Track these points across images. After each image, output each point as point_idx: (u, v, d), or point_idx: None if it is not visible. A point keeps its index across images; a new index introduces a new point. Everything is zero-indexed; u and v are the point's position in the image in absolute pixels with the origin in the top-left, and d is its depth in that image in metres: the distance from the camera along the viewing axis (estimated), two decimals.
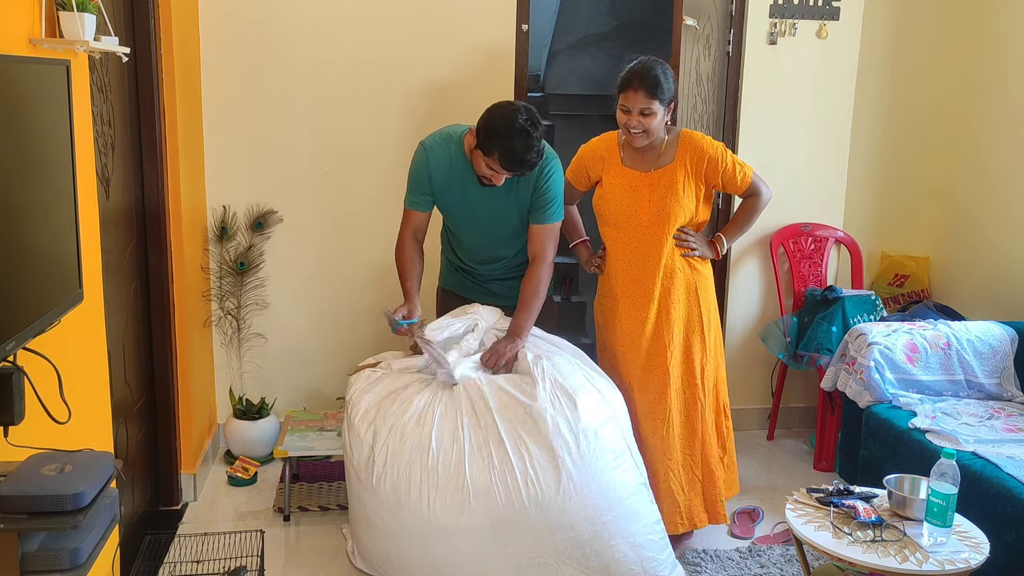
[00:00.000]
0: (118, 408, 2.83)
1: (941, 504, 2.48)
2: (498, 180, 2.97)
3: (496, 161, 2.88)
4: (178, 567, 2.96)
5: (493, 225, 3.12)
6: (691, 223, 3.14)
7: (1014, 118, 3.79)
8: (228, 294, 3.91)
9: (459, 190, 3.08)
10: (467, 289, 3.30)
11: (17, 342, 1.61)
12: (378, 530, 2.86)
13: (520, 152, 2.86)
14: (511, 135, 2.85)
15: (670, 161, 3.08)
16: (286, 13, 3.82)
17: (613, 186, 3.15)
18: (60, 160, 1.84)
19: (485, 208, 3.08)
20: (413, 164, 3.12)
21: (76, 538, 1.54)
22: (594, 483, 2.74)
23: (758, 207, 3.21)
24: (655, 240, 3.10)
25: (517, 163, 2.88)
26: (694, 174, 3.08)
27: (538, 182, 3.05)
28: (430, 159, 3.07)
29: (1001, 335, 3.54)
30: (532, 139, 2.87)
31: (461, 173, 3.05)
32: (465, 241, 3.22)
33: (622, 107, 3.03)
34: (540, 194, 3.06)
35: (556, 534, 2.73)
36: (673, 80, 3.03)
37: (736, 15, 4.08)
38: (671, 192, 3.06)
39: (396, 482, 2.76)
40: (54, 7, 2.09)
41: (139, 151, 3.19)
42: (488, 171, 2.94)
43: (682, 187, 3.06)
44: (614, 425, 2.89)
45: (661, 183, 3.07)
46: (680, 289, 3.13)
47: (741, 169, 3.12)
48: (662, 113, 3.00)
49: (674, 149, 3.09)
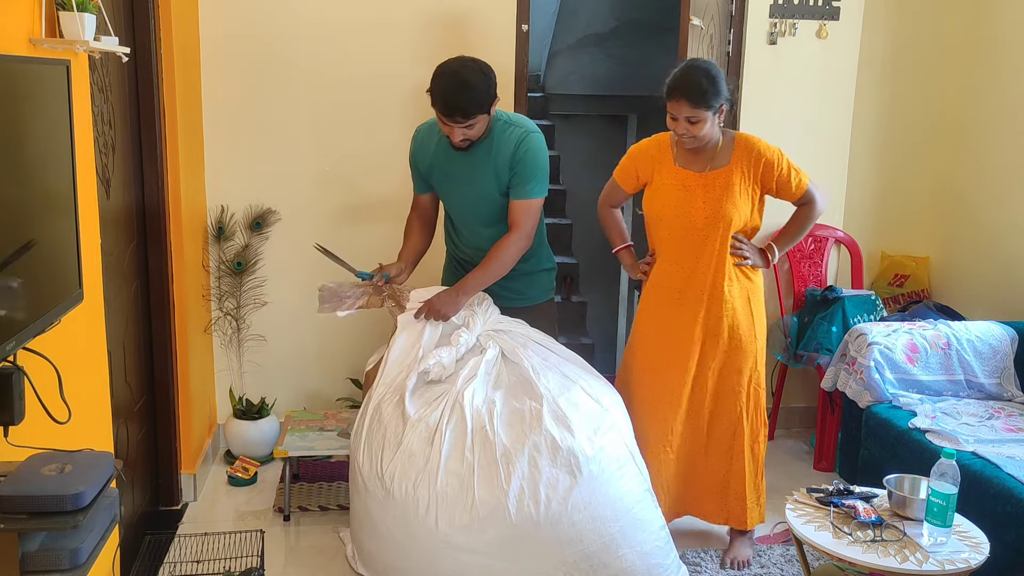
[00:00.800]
0: (118, 408, 2.83)
1: (941, 504, 2.48)
2: (454, 137, 2.98)
3: (437, 109, 2.94)
4: (178, 567, 2.96)
5: (473, 197, 3.14)
6: (744, 229, 3.05)
7: (1014, 118, 3.78)
8: (227, 294, 3.92)
9: (442, 166, 3.15)
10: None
11: (17, 342, 1.60)
12: (384, 540, 2.85)
13: (448, 94, 2.89)
14: (441, 78, 2.92)
15: (725, 163, 2.99)
16: (286, 13, 3.82)
17: (666, 186, 3.05)
18: (60, 160, 1.84)
19: (465, 179, 3.12)
20: (410, 149, 3.28)
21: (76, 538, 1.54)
22: (601, 495, 2.74)
23: (811, 216, 3.09)
24: (708, 243, 3.00)
25: (447, 105, 2.91)
26: (750, 177, 2.99)
27: (515, 155, 3.03)
28: (415, 142, 3.23)
29: (1001, 335, 3.54)
30: (468, 83, 2.88)
31: (443, 150, 3.11)
32: (455, 221, 3.28)
33: (669, 114, 2.95)
34: (518, 167, 3.03)
35: (565, 548, 2.72)
36: (724, 83, 2.91)
37: (736, 15, 4.08)
38: (727, 194, 2.97)
39: (404, 500, 2.75)
40: (54, 7, 2.09)
41: (139, 151, 3.19)
42: (444, 128, 2.99)
43: (739, 190, 2.97)
44: (615, 434, 2.89)
45: (717, 184, 2.98)
46: (735, 297, 3.04)
47: (797, 175, 3.01)
48: (711, 119, 2.90)
49: (730, 151, 3.00)
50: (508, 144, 3.04)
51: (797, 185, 3.02)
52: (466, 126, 2.94)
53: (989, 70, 3.92)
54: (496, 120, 3.06)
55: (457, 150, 3.05)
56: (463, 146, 3.02)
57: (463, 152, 3.06)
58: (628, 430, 2.99)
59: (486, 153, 3.06)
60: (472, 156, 3.06)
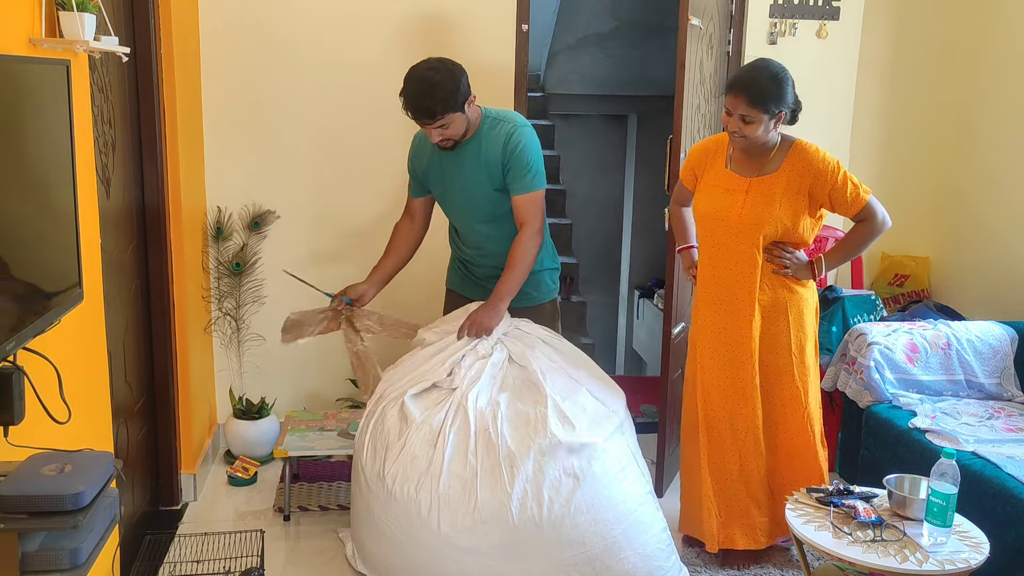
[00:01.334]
0: (118, 408, 2.83)
1: (941, 504, 2.48)
2: (432, 137, 3.00)
3: (407, 111, 2.97)
4: (178, 567, 2.96)
5: (467, 194, 3.14)
6: (788, 239, 2.94)
7: (1014, 118, 3.78)
8: (226, 295, 3.92)
9: (436, 168, 3.17)
10: (468, 287, 3.31)
11: (17, 342, 1.61)
12: (386, 540, 2.85)
13: (413, 97, 2.93)
14: (408, 82, 2.97)
15: (775, 170, 2.91)
16: (286, 13, 3.82)
17: (710, 186, 3.02)
18: (60, 160, 1.84)
19: (458, 178, 3.13)
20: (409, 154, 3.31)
21: (76, 538, 1.55)
22: (604, 497, 2.74)
23: (868, 234, 2.95)
24: (741, 247, 2.94)
25: (413, 108, 2.95)
26: (797, 187, 2.88)
27: (506, 149, 3.03)
28: (414, 144, 3.26)
29: (1001, 335, 3.54)
30: (432, 83, 2.91)
31: (437, 152, 3.13)
32: (453, 221, 3.29)
33: (725, 108, 2.87)
34: (511, 162, 3.03)
35: (567, 550, 2.72)
36: (791, 90, 2.85)
37: (736, 15, 4.08)
38: (765, 200, 2.89)
39: (406, 501, 2.75)
40: (54, 7, 2.09)
41: (139, 151, 3.19)
42: (425, 130, 3.03)
43: (779, 198, 2.88)
44: (619, 436, 2.89)
45: (759, 190, 2.91)
46: (766, 304, 2.98)
47: (855, 189, 2.87)
48: (766, 122, 2.83)
49: (782, 159, 2.91)
50: (497, 140, 3.04)
51: (854, 200, 2.88)
52: (439, 126, 2.95)
53: (989, 70, 3.92)
54: (484, 117, 3.08)
55: (444, 150, 3.07)
56: (445, 146, 3.04)
57: (453, 152, 3.08)
58: (631, 433, 3.00)
59: (475, 150, 3.07)
60: (461, 155, 3.09)
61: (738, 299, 2.99)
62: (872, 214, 2.93)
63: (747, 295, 2.98)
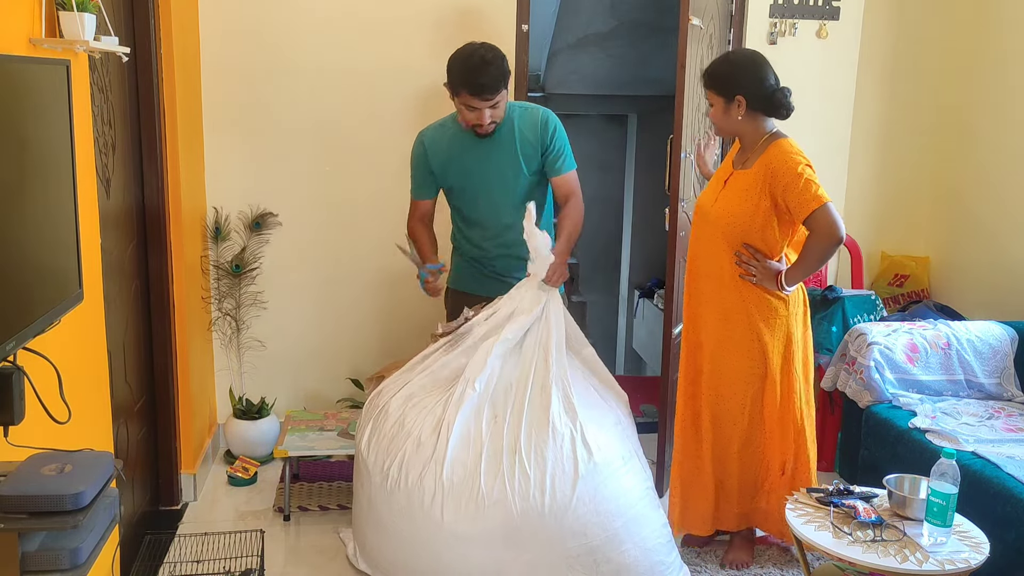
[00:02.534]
0: (118, 408, 2.84)
1: (941, 504, 2.48)
2: (483, 119, 3.03)
3: (465, 91, 2.99)
4: (178, 567, 2.96)
5: (502, 182, 3.16)
6: (756, 242, 2.88)
7: (1014, 118, 3.78)
8: (226, 295, 3.92)
9: (459, 161, 3.17)
10: (486, 285, 3.24)
11: (17, 342, 1.61)
12: (388, 532, 2.86)
13: (479, 74, 2.96)
14: (461, 61, 3.00)
15: (751, 166, 2.88)
16: (286, 14, 3.82)
17: (712, 178, 3.11)
18: (60, 160, 1.84)
19: (490, 166, 3.15)
20: (412, 156, 3.26)
21: (76, 538, 1.54)
22: (606, 489, 2.75)
23: (815, 246, 2.78)
24: (709, 238, 2.96)
25: (479, 86, 2.97)
26: (761, 185, 2.82)
27: (545, 131, 3.15)
28: (426, 142, 3.21)
29: (1001, 335, 3.54)
30: (486, 60, 2.98)
31: (459, 144, 3.15)
32: (476, 215, 3.23)
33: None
34: (553, 143, 3.15)
35: (568, 541, 2.73)
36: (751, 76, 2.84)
37: (736, 15, 4.08)
38: (735, 194, 2.88)
39: (410, 490, 2.76)
40: (54, 7, 2.09)
41: (139, 151, 3.19)
42: (470, 114, 3.04)
43: (746, 194, 2.85)
44: (620, 430, 2.91)
45: (734, 184, 2.92)
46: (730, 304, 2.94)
47: (807, 193, 2.73)
48: (725, 106, 2.87)
49: (760, 154, 2.87)
50: (533, 124, 3.15)
51: (803, 206, 2.74)
52: (493, 104, 3.01)
53: (989, 70, 3.92)
54: (510, 106, 3.16)
55: (482, 137, 3.10)
56: (490, 130, 3.08)
57: (484, 140, 3.11)
58: (632, 427, 3.02)
59: (509, 136, 3.13)
60: (494, 141, 3.13)
61: (703, 292, 3.02)
62: (818, 224, 2.74)
63: (713, 288, 2.98)
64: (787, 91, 2.87)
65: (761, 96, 2.85)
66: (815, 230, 2.77)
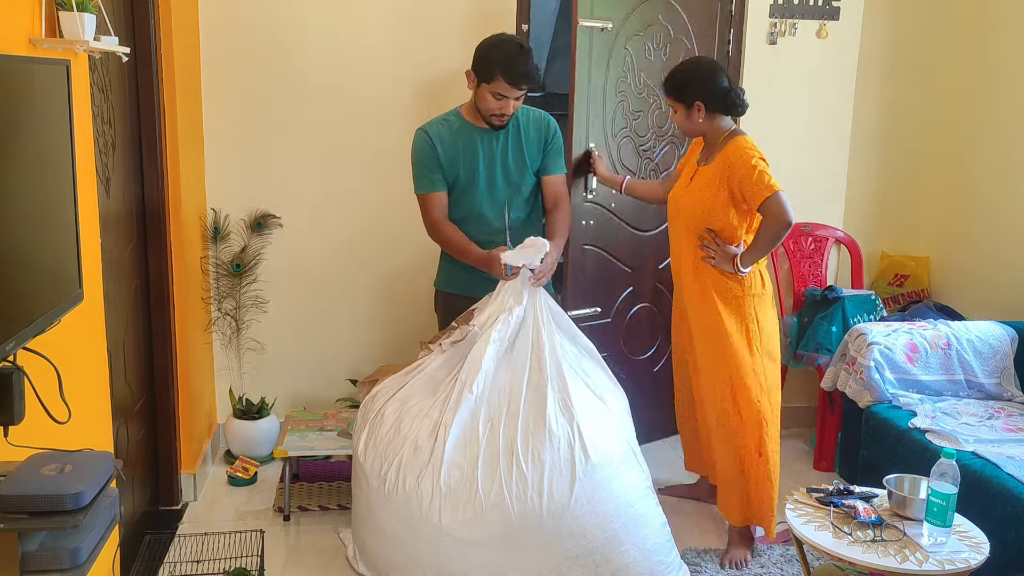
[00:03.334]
0: (118, 408, 2.83)
1: (941, 504, 2.48)
2: (507, 109, 3.05)
3: (501, 80, 2.98)
4: (178, 567, 2.96)
5: (511, 177, 3.19)
6: (719, 229, 3.05)
7: (1014, 118, 3.78)
8: (226, 295, 3.92)
9: (468, 154, 3.16)
10: (477, 285, 3.15)
11: (17, 342, 1.60)
12: (387, 536, 2.85)
13: (520, 63, 2.97)
14: (507, 50, 2.99)
15: (712, 161, 3.07)
16: (287, 14, 3.82)
17: (680, 176, 3.27)
18: (60, 160, 1.84)
19: (500, 161, 3.17)
20: (416, 150, 3.19)
21: (76, 538, 1.54)
22: (604, 490, 2.75)
23: (767, 230, 2.97)
24: (679, 232, 3.18)
25: (521, 76, 2.98)
26: (720, 179, 3.01)
27: (548, 131, 3.23)
28: (431, 135, 3.17)
29: (1001, 335, 3.54)
30: (524, 49, 3.00)
31: (467, 138, 3.15)
32: (478, 209, 3.18)
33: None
34: (553, 143, 3.23)
35: (567, 542, 2.73)
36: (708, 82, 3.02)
37: (736, 15, 4.08)
38: (699, 189, 3.07)
39: (407, 494, 2.76)
40: (54, 7, 2.09)
41: (139, 151, 3.19)
42: (496, 103, 3.04)
43: (708, 188, 3.04)
44: (618, 430, 2.90)
45: (698, 179, 3.11)
46: (696, 289, 3.15)
47: (760, 183, 2.94)
48: (685, 111, 3.06)
49: (720, 151, 3.05)
50: (539, 124, 3.22)
51: (756, 195, 2.94)
52: (518, 96, 3.03)
53: (988, 70, 3.92)
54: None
55: (496, 128, 3.13)
56: (503, 122, 3.11)
57: (491, 135, 3.13)
58: (630, 427, 3.01)
59: (516, 133, 3.18)
60: (502, 137, 3.16)
61: (680, 281, 3.25)
62: (770, 211, 2.94)
63: (686, 278, 3.18)
64: (740, 91, 3.08)
65: (717, 99, 3.04)
66: (767, 216, 2.98)
